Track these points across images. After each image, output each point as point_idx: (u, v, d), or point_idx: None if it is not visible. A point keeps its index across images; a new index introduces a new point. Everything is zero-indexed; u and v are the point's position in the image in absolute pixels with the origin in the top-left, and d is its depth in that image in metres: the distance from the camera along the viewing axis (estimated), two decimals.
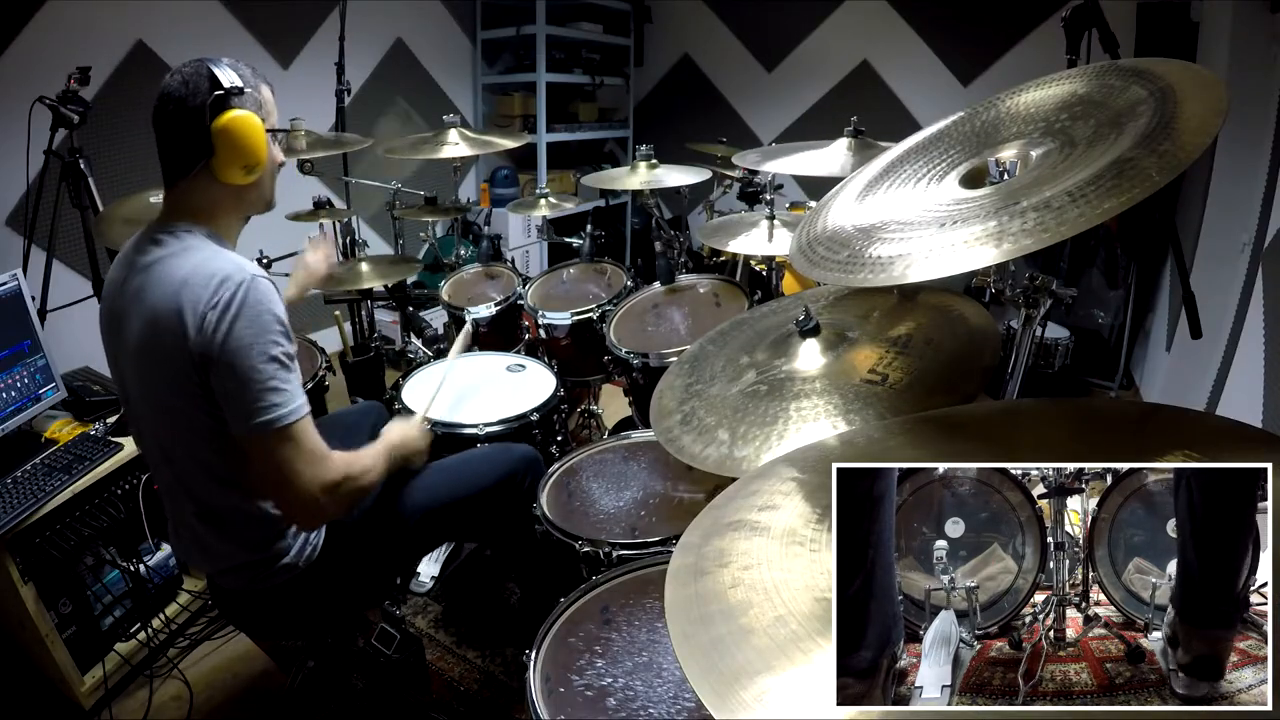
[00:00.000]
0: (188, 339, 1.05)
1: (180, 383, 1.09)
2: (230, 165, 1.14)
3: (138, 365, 1.14)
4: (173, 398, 1.11)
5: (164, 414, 1.15)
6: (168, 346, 1.07)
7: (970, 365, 1.06)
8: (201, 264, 1.09)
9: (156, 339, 1.09)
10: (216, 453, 1.14)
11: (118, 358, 1.20)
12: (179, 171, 1.16)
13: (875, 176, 1.10)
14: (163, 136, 1.16)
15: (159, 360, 1.10)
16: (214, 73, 1.12)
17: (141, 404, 1.18)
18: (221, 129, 1.12)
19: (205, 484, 1.18)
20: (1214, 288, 2.24)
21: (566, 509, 1.48)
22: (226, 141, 1.12)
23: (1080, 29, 1.64)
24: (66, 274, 2.46)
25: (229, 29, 3.03)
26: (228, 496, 1.19)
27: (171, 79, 1.14)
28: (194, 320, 1.05)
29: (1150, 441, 0.73)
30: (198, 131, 1.12)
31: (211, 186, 1.16)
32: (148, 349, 1.11)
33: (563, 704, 1.00)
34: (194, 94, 1.12)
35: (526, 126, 4.23)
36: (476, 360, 2.16)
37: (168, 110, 1.13)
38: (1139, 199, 0.69)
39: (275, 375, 1.07)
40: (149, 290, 1.10)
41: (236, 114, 1.13)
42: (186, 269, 1.09)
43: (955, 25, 3.79)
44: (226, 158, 1.13)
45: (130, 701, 1.77)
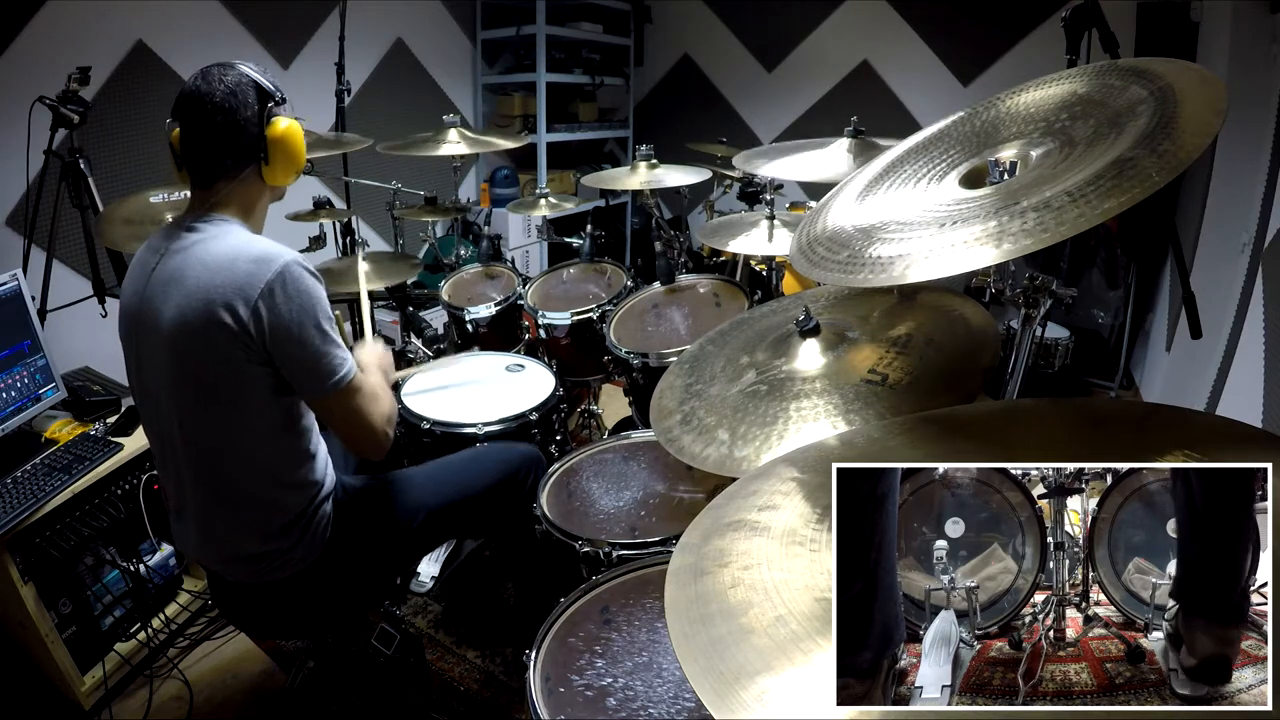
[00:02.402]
0: (239, 316, 1.09)
1: (224, 360, 1.12)
2: (283, 171, 1.22)
3: (175, 347, 1.14)
4: (214, 374, 1.14)
5: (199, 395, 1.16)
6: (213, 324, 1.10)
7: (970, 365, 1.06)
8: (244, 246, 1.14)
9: (200, 318, 1.10)
10: (249, 432, 1.18)
11: (140, 344, 1.21)
12: (221, 174, 1.19)
13: (875, 176, 1.10)
14: (206, 143, 1.18)
15: (201, 338, 1.11)
16: (258, 82, 1.18)
17: (170, 389, 1.18)
18: (278, 139, 1.19)
19: (232, 468, 1.20)
20: (1214, 288, 2.24)
21: (566, 509, 1.48)
22: (281, 150, 1.19)
23: (1080, 29, 1.64)
24: (66, 274, 2.46)
25: (229, 29, 3.03)
26: (250, 483, 1.21)
27: (210, 86, 1.15)
28: (247, 299, 1.09)
29: (1150, 441, 0.73)
30: (251, 140, 1.17)
31: (254, 186, 1.22)
32: (188, 328, 1.12)
33: (563, 704, 1.00)
34: (244, 104, 1.16)
35: (526, 126, 4.23)
36: (476, 360, 2.16)
37: (215, 120, 1.16)
38: (1139, 199, 0.69)
39: (331, 340, 1.16)
40: (188, 271, 1.13)
41: (288, 123, 1.20)
42: (228, 251, 1.13)
43: (955, 25, 3.79)
44: (280, 164, 1.21)
45: (130, 701, 1.77)
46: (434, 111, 2.93)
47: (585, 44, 4.47)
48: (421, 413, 1.79)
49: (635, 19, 4.73)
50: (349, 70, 2.79)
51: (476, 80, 4.35)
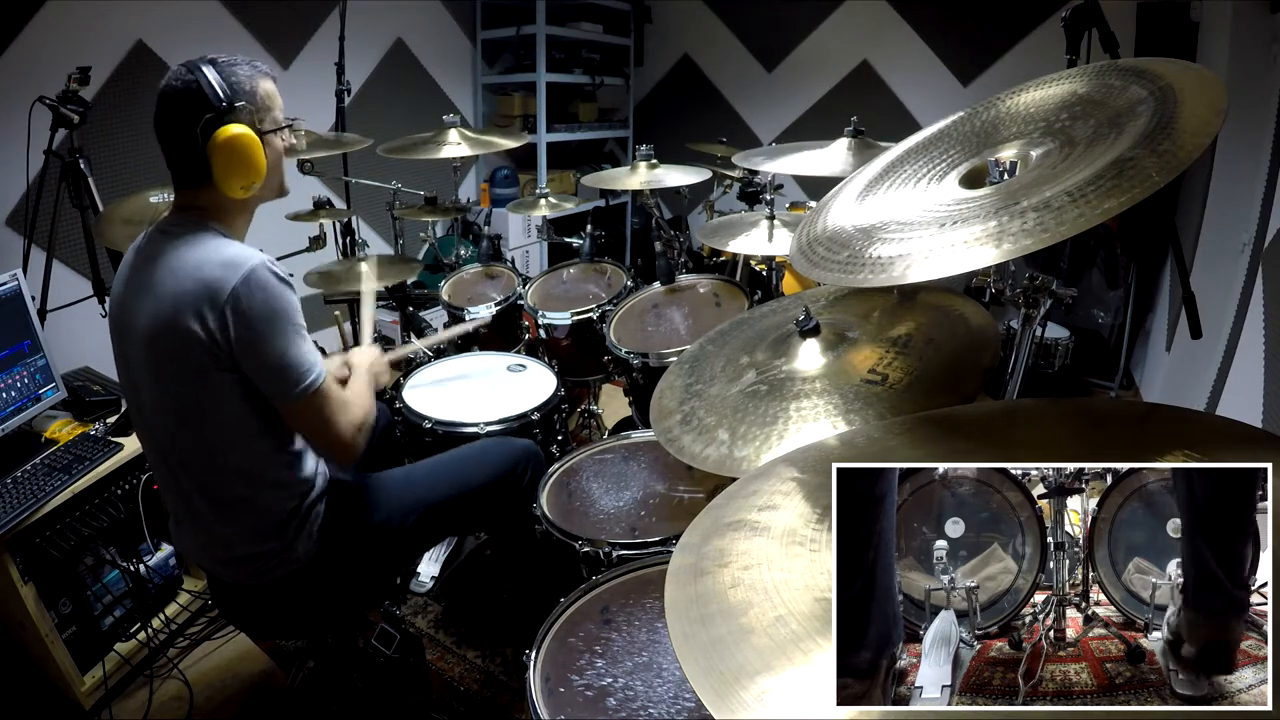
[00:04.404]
0: (207, 324, 1.08)
1: (194, 367, 1.11)
2: (228, 182, 1.16)
3: (149, 353, 1.14)
4: (184, 383, 1.13)
5: (174, 401, 1.16)
6: (183, 333, 1.09)
7: (970, 365, 1.06)
8: (212, 252, 1.12)
9: (170, 326, 1.10)
10: (225, 436, 1.17)
11: (125, 349, 1.21)
12: (185, 181, 1.19)
13: (875, 176, 1.10)
14: (165, 149, 1.18)
15: (172, 346, 1.11)
16: (203, 89, 1.12)
17: (150, 394, 1.18)
18: (215, 150, 1.13)
19: (213, 471, 1.20)
20: (1214, 288, 2.24)
21: (566, 509, 1.48)
22: (222, 161, 1.14)
23: (1080, 29, 1.64)
24: (66, 274, 2.46)
25: (229, 29, 3.03)
26: (234, 485, 1.20)
27: (168, 88, 1.15)
28: (214, 306, 1.08)
29: (1150, 441, 0.73)
30: (194, 151, 1.14)
31: (216, 194, 1.18)
32: (160, 336, 1.12)
33: (563, 704, 1.00)
34: (183, 114, 1.13)
35: (526, 126, 4.23)
36: (477, 360, 2.16)
37: (167, 126, 1.16)
38: (1139, 199, 0.69)
39: (300, 346, 1.14)
40: (160, 280, 1.12)
41: (231, 133, 1.13)
42: (196, 258, 1.12)
43: (955, 25, 3.79)
44: (224, 176, 1.15)
45: (130, 701, 1.77)
46: (434, 111, 2.92)
47: (585, 44, 4.47)
48: (423, 412, 1.79)
49: (635, 19, 4.73)
50: (349, 70, 2.79)
51: (476, 80, 4.35)
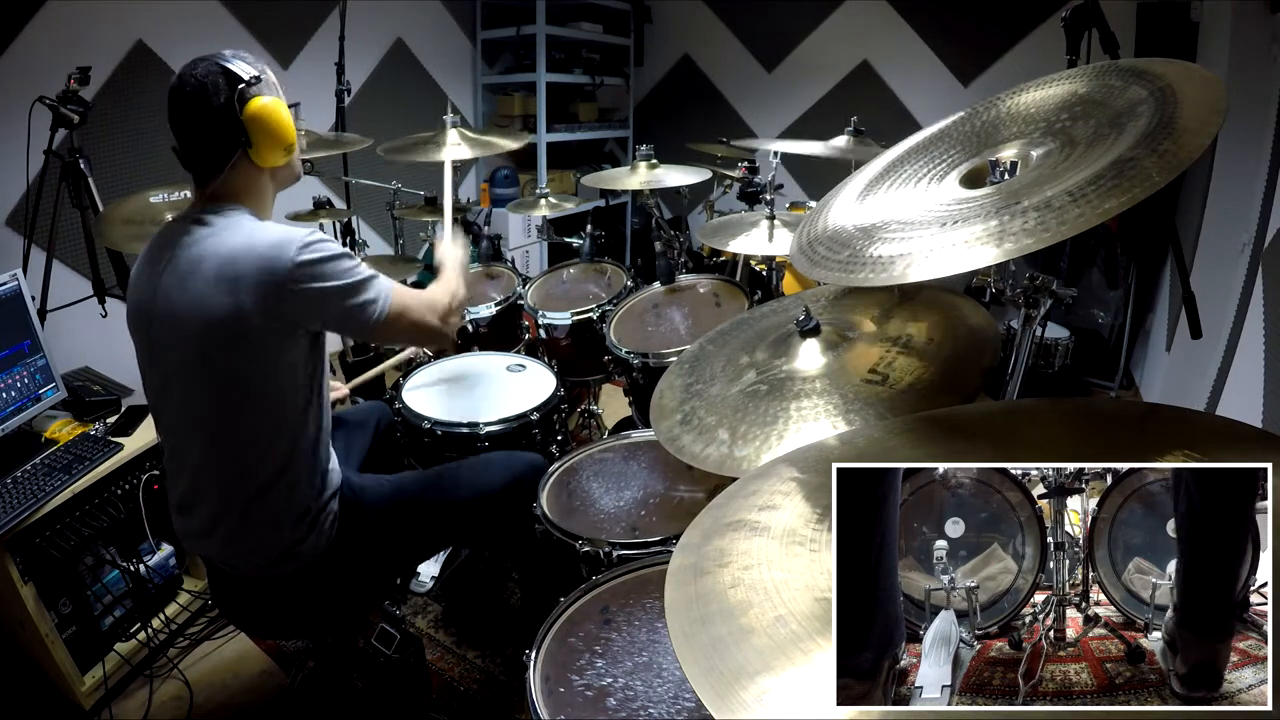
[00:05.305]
0: (266, 303, 1.11)
1: (255, 348, 1.14)
2: (270, 149, 1.20)
3: (200, 340, 1.15)
4: (242, 364, 1.15)
5: (226, 384, 1.17)
6: (240, 314, 1.11)
7: (970, 365, 1.06)
8: (259, 234, 1.16)
9: (225, 310, 1.11)
10: (266, 425, 1.19)
11: (153, 339, 1.21)
12: (214, 167, 1.20)
13: (876, 176, 1.10)
14: (190, 139, 1.19)
15: (227, 330, 1.12)
16: (228, 68, 1.17)
17: (191, 382, 1.18)
18: (253, 118, 1.17)
19: (253, 455, 1.21)
20: (1214, 288, 2.23)
21: (566, 508, 1.48)
22: (261, 128, 1.18)
23: (1080, 29, 1.64)
24: (66, 274, 2.46)
25: (229, 29, 3.03)
26: (269, 469, 1.21)
27: (184, 83, 1.16)
28: (275, 282, 1.11)
29: (1150, 441, 0.73)
30: (229, 126, 1.17)
31: (249, 173, 1.22)
32: (213, 321, 1.12)
33: (563, 704, 1.00)
34: (215, 92, 1.16)
35: (526, 126, 4.22)
36: (477, 360, 2.16)
37: (190, 113, 1.17)
38: (1139, 199, 0.69)
39: (360, 274, 1.19)
40: (206, 264, 1.14)
41: (263, 101, 1.18)
42: (244, 240, 1.15)
43: (955, 25, 3.79)
44: (264, 143, 1.19)
45: (130, 701, 1.77)
46: (434, 111, 2.92)
47: (585, 44, 4.47)
48: (423, 412, 1.79)
49: (635, 19, 4.73)
50: (349, 70, 2.79)
51: (476, 80, 4.35)
